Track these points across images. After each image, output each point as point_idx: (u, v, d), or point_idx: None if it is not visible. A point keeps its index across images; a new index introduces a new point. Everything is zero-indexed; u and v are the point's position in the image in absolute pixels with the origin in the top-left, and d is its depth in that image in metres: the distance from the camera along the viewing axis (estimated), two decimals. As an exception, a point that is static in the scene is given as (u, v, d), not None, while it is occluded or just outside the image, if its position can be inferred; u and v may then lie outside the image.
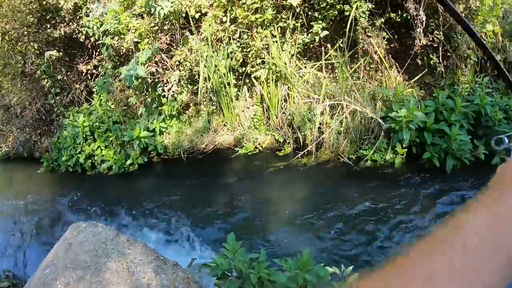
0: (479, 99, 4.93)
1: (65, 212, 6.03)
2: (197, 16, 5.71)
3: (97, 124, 6.25)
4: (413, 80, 5.75)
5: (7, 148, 9.59)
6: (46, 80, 6.91)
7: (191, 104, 5.91)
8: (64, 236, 3.19)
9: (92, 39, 6.26)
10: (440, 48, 5.46)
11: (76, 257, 2.72)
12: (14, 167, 9.14)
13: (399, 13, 5.54)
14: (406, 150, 4.99)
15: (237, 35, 5.61)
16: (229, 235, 2.40)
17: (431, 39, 5.44)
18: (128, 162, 5.99)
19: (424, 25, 5.35)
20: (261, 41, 5.54)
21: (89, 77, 6.89)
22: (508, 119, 5.00)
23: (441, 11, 5.31)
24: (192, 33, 5.72)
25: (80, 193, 6.19)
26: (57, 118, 7.29)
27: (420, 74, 5.67)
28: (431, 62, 5.52)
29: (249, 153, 5.74)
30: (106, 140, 6.20)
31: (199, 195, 5.19)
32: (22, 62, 6.97)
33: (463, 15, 5.26)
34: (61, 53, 6.69)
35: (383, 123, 5.14)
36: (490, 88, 5.38)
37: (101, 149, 6.23)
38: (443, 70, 5.56)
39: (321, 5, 5.69)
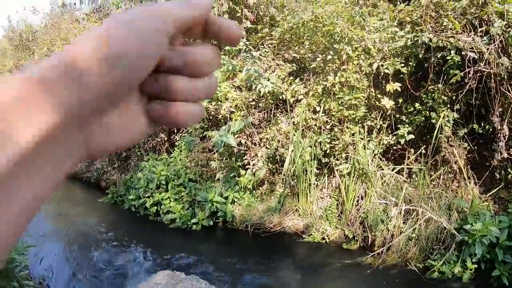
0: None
1: (117, 247, 6.02)
2: (291, 100, 5.92)
3: (172, 176, 6.43)
4: (489, 194, 5.55)
5: (76, 168, 10.10)
6: (136, 122, 7.32)
7: (265, 182, 5.96)
8: (155, 279, 3.29)
9: (188, 98, 6.62)
10: (521, 163, 5.34)
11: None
12: (79, 188, 9.52)
13: (482, 124, 5.56)
14: (475, 265, 4.82)
15: (328, 127, 5.71)
16: None
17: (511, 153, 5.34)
18: (193, 220, 6.08)
19: (506, 139, 5.21)
20: (350, 136, 5.59)
21: (174, 131, 7.21)
22: None
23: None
24: (284, 116, 5.90)
25: (137, 234, 6.25)
26: (134, 159, 7.62)
27: (497, 188, 5.50)
28: (509, 176, 5.37)
29: (315, 242, 5.60)
30: (178, 194, 6.35)
31: (256, 277, 5.05)
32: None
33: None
34: (156, 102, 7.12)
35: (458, 235, 4.96)
36: None
37: (170, 200, 6.36)
38: (521, 185, 5.38)
39: (409, 110, 5.74)
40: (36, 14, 20.77)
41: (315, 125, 5.80)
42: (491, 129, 5.46)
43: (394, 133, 5.89)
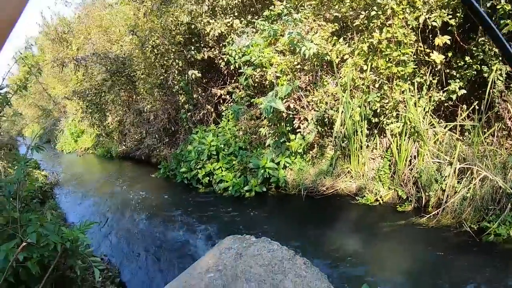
0: None
1: (175, 218, 6.30)
2: (337, 61, 5.81)
3: (222, 146, 6.59)
4: (546, 151, 5.29)
5: (125, 148, 10.57)
6: (182, 96, 7.50)
7: (315, 145, 5.97)
8: (225, 244, 3.37)
9: (232, 67, 6.68)
10: None
11: (249, 269, 2.85)
12: (130, 166, 9.97)
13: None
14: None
15: (377, 85, 5.58)
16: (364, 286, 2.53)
17: None
18: (246, 188, 6.23)
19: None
20: (400, 94, 5.45)
21: (221, 101, 7.33)
22: None
23: None
24: (331, 77, 5.82)
25: (193, 204, 6.50)
26: (183, 132, 7.86)
27: (554, 145, 5.23)
28: None
29: (368, 204, 5.62)
30: (229, 163, 6.52)
31: (314, 238, 5.15)
32: (165, 75, 7.64)
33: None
34: (200, 74, 7.24)
35: (513, 194, 4.78)
36: None
37: (222, 170, 6.55)
38: None
39: (459, 64, 5.49)
40: (68, 6, 21.27)
41: (363, 84, 5.68)
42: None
43: (445, 89, 5.66)
